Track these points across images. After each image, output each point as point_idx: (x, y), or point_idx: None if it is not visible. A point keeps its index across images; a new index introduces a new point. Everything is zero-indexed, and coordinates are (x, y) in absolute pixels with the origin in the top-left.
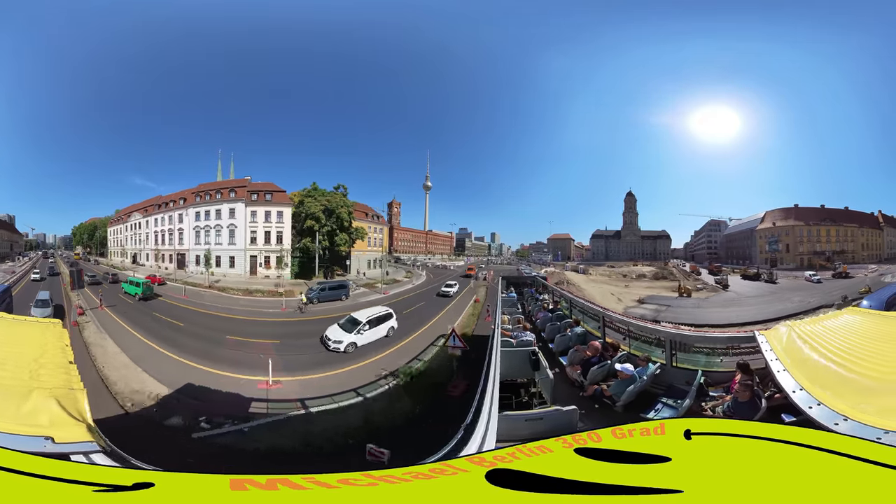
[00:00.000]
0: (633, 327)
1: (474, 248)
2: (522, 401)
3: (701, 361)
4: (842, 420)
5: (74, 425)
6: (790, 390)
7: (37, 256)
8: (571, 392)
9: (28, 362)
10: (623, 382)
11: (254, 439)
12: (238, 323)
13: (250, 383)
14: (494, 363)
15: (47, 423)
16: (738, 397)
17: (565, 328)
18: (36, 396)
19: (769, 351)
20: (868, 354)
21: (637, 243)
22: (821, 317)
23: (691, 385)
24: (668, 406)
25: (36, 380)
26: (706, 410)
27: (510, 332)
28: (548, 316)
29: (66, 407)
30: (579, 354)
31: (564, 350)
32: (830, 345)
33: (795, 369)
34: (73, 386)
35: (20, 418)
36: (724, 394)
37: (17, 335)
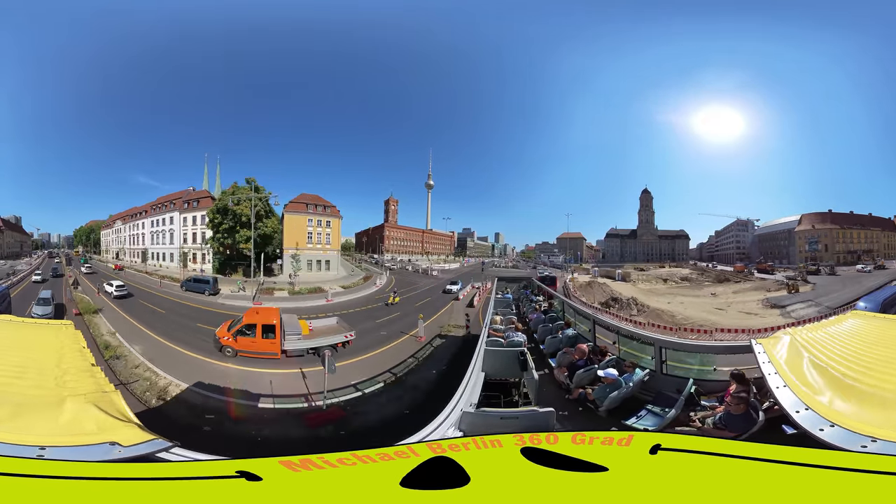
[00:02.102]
0: (623, 332)
1: (476, 249)
2: (512, 399)
3: (693, 369)
4: (870, 441)
5: (126, 426)
6: (793, 410)
7: (43, 255)
8: (558, 394)
9: (50, 369)
10: (606, 387)
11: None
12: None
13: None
14: (475, 360)
15: (96, 430)
16: (732, 410)
17: (557, 330)
18: (71, 404)
19: (767, 363)
20: (880, 363)
21: (654, 243)
22: (823, 322)
23: (681, 393)
24: (654, 414)
25: (64, 387)
26: (695, 421)
27: (502, 331)
28: (541, 317)
29: (108, 410)
30: (568, 357)
31: (555, 352)
32: (837, 353)
33: (799, 385)
34: (104, 389)
35: (64, 428)
36: (717, 404)
37: (30, 339)
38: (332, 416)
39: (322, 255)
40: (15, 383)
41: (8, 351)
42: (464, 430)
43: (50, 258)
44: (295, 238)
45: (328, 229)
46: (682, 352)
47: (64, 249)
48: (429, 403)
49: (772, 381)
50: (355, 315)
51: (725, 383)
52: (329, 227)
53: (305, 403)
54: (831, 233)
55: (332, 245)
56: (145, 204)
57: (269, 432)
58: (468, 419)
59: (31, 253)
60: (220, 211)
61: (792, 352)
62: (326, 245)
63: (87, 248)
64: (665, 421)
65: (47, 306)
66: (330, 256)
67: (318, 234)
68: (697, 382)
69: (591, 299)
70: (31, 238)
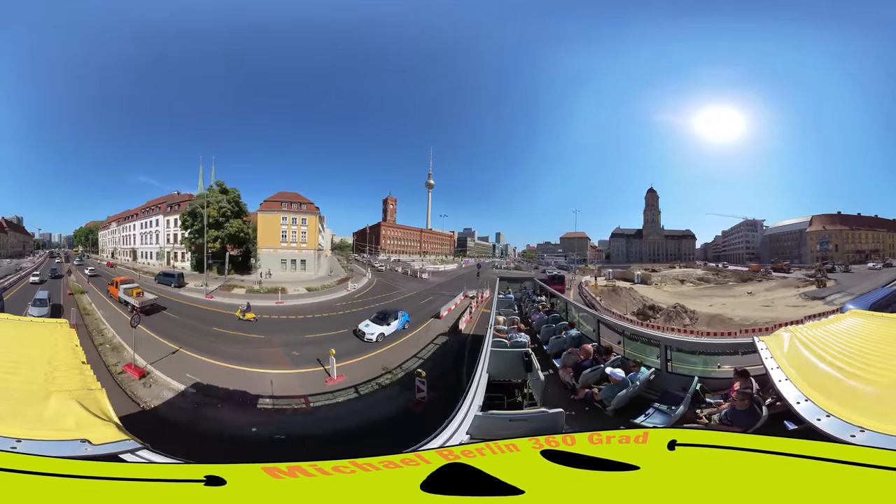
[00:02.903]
0: (628, 331)
1: (477, 249)
2: (516, 401)
3: (698, 367)
4: (858, 431)
5: (103, 425)
6: (794, 401)
7: (44, 255)
8: (563, 394)
9: (41, 365)
10: (613, 387)
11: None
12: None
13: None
14: (481, 362)
15: (74, 426)
16: (736, 405)
17: (560, 330)
18: (56, 399)
19: (769, 359)
20: (878, 359)
21: (661, 243)
22: (823, 321)
23: (687, 391)
24: (661, 412)
25: (52, 383)
26: (701, 418)
27: (505, 332)
28: (543, 317)
29: (90, 408)
30: (572, 357)
31: (559, 352)
32: (836, 350)
33: (800, 378)
34: (90, 386)
35: (45, 423)
36: (722, 401)
37: (26, 337)
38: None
39: (297, 255)
40: (8, 378)
41: (5, 348)
42: (472, 433)
43: (51, 258)
44: (268, 237)
45: (304, 227)
46: (685, 351)
47: (64, 249)
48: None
49: (774, 375)
50: (282, 323)
51: (729, 381)
52: (305, 226)
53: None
54: (841, 234)
55: (309, 244)
56: (136, 207)
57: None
58: (477, 422)
59: (33, 252)
60: (190, 214)
61: (793, 348)
62: (302, 244)
63: (86, 247)
64: (674, 418)
65: (43, 307)
66: (306, 255)
67: (294, 233)
68: (702, 380)
69: (622, 309)
70: (32, 238)
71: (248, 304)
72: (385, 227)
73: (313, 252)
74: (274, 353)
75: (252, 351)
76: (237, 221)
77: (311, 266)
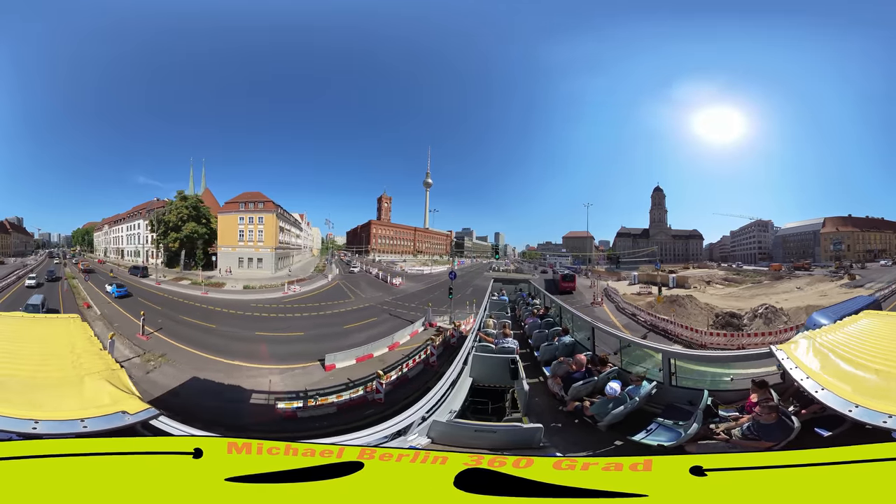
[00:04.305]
0: (625, 342)
1: (475, 249)
2: (503, 406)
3: (707, 380)
4: (887, 417)
5: (131, 398)
6: (823, 398)
7: (43, 255)
8: (551, 405)
9: (67, 354)
10: (606, 402)
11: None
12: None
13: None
14: (457, 366)
15: (110, 402)
16: (763, 419)
17: (553, 336)
18: (89, 381)
19: (792, 367)
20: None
21: (668, 243)
22: (837, 324)
23: (696, 406)
24: (666, 428)
25: (80, 368)
26: (719, 434)
27: (493, 336)
28: (537, 322)
29: (117, 385)
30: (564, 366)
31: (551, 360)
32: (858, 348)
33: (826, 377)
34: (112, 367)
35: (86, 402)
36: (739, 414)
37: (46, 333)
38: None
39: (254, 253)
40: (42, 370)
41: (28, 343)
42: (433, 437)
43: (50, 258)
44: (227, 237)
45: (261, 226)
46: (692, 363)
47: (63, 248)
48: None
49: (807, 385)
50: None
51: (743, 392)
52: (262, 224)
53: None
54: (853, 235)
55: (266, 242)
56: (124, 212)
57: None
58: (438, 428)
59: (34, 252)
60: (155, 219)
61: (816, 351)
62: (259, 243)
63: (82, 247)
64: (687, 435)
65: (36, 313)
66: (262, 254)
67: (251, 232)
68: (712, 393)
69: (699, 323)
70: (32, 238)
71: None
72: (375, 225)
73: (270, 251)
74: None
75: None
76: (192, 224)
77: (267, 264)
